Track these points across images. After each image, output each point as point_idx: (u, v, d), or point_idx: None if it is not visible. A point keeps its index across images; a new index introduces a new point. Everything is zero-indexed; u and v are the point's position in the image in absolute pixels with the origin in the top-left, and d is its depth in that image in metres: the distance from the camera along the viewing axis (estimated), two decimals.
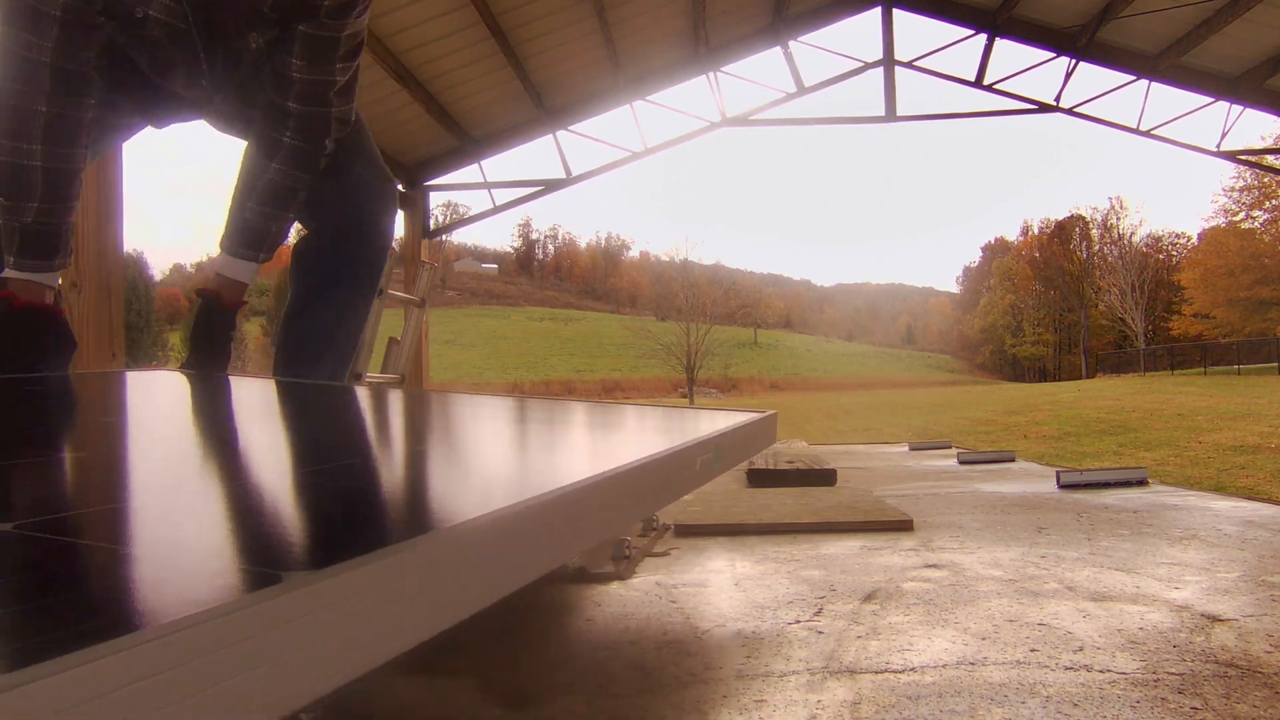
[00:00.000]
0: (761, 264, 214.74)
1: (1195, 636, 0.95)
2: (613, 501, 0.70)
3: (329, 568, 0.39)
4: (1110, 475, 2.51)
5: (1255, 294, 46.82)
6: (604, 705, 0.78)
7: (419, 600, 0.45)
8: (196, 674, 0.32)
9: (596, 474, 0.68)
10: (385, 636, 0.42)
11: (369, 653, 0.41)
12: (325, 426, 1.15)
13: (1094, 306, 67.75)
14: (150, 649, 0.31)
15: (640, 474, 0.76)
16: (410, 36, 7.26)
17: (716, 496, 2.35)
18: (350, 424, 1.21)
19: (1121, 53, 9.32)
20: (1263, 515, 1.85)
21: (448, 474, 0.83)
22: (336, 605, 0.39)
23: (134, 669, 0.30)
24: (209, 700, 0.32)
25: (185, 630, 0.32)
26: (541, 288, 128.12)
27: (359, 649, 0.41)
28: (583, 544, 0.68)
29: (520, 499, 0.57)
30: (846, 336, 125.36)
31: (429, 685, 0.85)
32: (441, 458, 0.92)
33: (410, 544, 0.45)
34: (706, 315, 52.93)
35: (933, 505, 2.16)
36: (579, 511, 0.63)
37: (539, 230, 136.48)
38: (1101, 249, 70.09)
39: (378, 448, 1.00)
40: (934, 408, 27.19)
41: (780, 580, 1.29)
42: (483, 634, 1.02)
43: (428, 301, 5.37)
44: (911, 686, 0.80)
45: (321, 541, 0.52)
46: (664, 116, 9.98)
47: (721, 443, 1.04)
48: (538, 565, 0.59)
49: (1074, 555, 1.43)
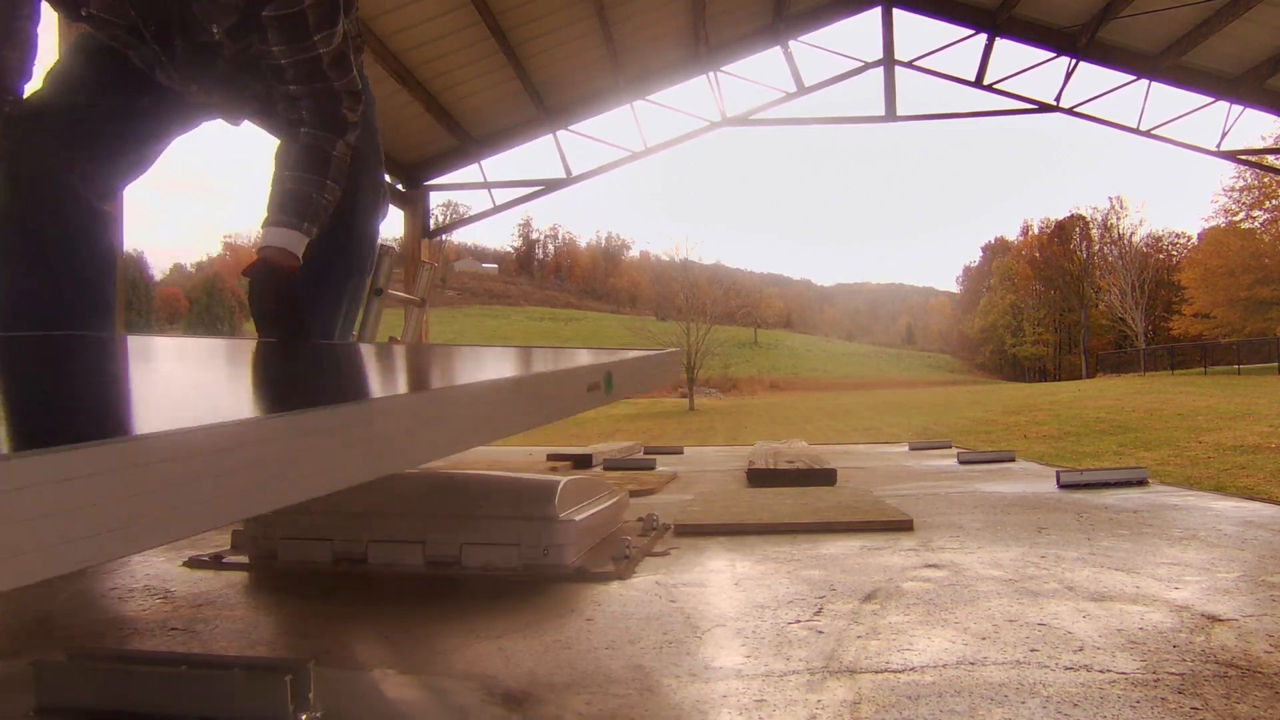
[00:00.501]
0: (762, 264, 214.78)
1: (1195, 636, 0.95)
2: (488, 412, 0.77)
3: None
4: (1110, 475, 2.51)
5: (1255, 294, 46.81)
6: (604, 705, 0.78)
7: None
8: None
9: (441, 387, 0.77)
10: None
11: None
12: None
13: (1094, 306, 67.75)
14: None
15: (517, 388, 0.86)
16: (410, 36, 7.27)
17: (716, 496, 2.35)
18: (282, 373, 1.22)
19: (1121, 52, 9.32)
20: (1263, 515, 1.85)
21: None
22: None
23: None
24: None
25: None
26: (541, 287, 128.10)
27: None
28: (445, 448, 0.73)
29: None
30: (847, 336, 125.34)
31: (428, 685, 0.85)
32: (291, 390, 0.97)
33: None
34: (706, 315, 52.89)
35: (933, 505, 2.16)
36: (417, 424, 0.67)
37: (539, 230, 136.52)
38: (1101, 249, 70.08)
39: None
40: (934, 407, 27.19)
41: (780, 580, 1.29)
42: (483, 634, 1.02)
43: (428, 301, 5.37)
44: (911, 686, 0.80)
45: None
46: (664, 116, 10.00)
47: (615, 369, 1.10)
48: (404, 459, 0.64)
49: (1074, 555, 1.43)
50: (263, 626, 1.20)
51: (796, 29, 9.65)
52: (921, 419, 22.32)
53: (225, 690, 0.70)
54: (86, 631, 1.14)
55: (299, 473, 0.51)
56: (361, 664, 0.92)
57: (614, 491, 1.66)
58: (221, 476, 0.46)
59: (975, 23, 9.49)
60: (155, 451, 0.42)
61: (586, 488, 1.50)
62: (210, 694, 0.70)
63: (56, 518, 0.36)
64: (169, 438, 0.43)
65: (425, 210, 9.72)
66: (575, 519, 1.32)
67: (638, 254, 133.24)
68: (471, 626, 1.05)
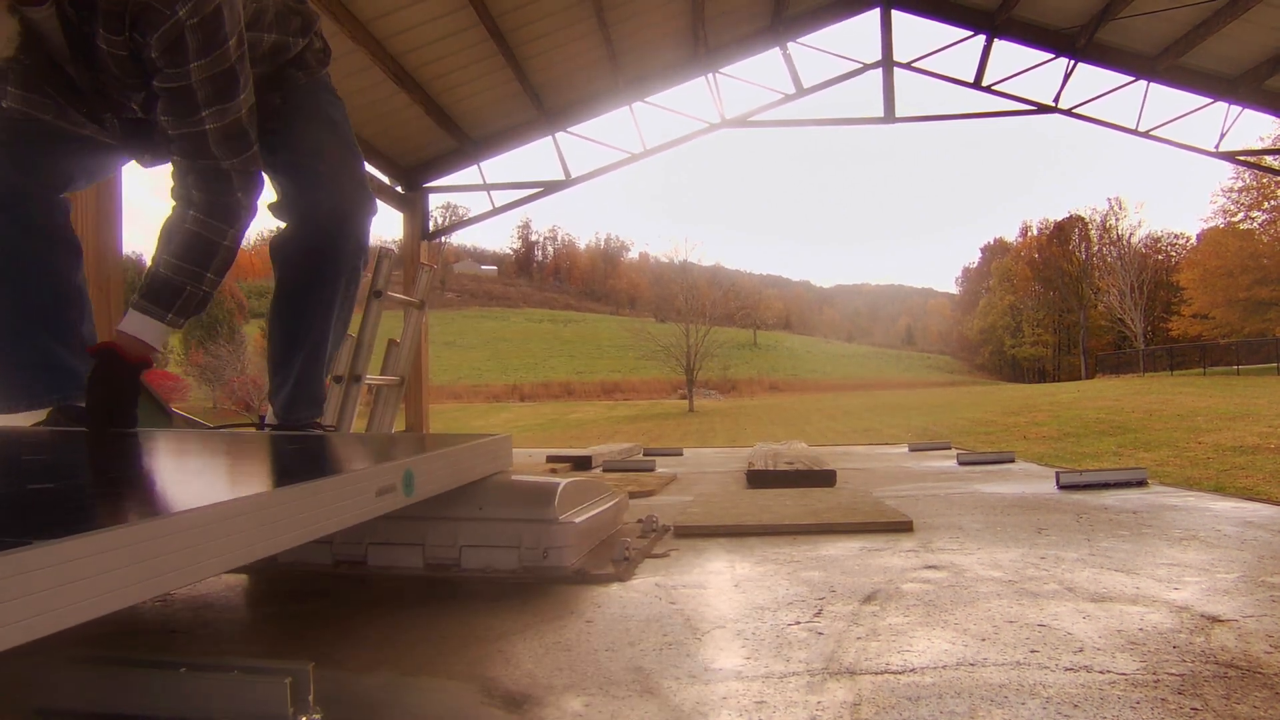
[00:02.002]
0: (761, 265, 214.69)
1: (1195, 637, 0.95)
2: (235, 536, 0.73)
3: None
4: (1110, 476, 2.52)
5: (1254, 294, 46.82)
6: (604, 706, 0.78)
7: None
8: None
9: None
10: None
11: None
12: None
13: (1093, 307, 67.76)
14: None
15: (277, 504, 0.78)
16: (409, 38, 7.27)
17: (716, 498, 2.35)
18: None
19: (1120, 53, 9.32)
20: (1262, 516, 1.85)
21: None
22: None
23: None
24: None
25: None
26: (541, 289, 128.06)
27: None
28: (200, 571, 0.70)
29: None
30: (846, 337, 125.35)
31: (428, 687, 0.85)
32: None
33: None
34: (706, 316, 52.84)
35: (932, 506, 2.16)
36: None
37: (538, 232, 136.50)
38: (1100, 250, 70.11)
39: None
40: (933, 408, 27.19)
41: (780, 581, 1.29)
42: (482, 636, 1.02)
43: (427, 303, 5.37)
44: (911, 687, 0.80)
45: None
46: (663, 118, 9.99)
47: (422, 466, 1.02)
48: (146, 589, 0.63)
49: (1074, 556, 1.43)
50: (262, 629, 1.20)
51: (795, 30, 9.65)
52: (921, 420, 22.32)
53: (225, 692, 0.70)
54: (87, 634, 1.14)
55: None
56: (361, 666, 0.92)
57: (614, 493, 1.66)
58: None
59: (974, 24, 9.49)
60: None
61: (586, 490, 1.50)
62: (210, 696, 0.70)
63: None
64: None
65: (424, 212, 9.71)
66: (575, 521, 1.32)
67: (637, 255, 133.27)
68: (471, 628, 1.05)
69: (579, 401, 62.76)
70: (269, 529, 0.77)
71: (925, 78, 9.67)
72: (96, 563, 0.59)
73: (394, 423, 5.37)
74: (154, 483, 1.09)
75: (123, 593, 0.62)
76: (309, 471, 1.02)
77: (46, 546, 0.55)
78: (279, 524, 0.79)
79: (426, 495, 1.03)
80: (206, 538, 0.69)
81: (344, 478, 0.92)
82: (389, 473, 0.97)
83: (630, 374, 77.25)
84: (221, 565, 0.72)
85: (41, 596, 0.54)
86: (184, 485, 1.06)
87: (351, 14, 6.53)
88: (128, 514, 0.76)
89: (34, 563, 0.53)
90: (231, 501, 0.75)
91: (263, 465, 1.19)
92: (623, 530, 1.66)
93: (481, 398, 70.36)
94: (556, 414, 45.60)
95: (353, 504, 0.90)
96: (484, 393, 73.02)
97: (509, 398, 71.17)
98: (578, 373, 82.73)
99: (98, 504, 0.86)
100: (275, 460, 1.23)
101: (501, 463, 1.29)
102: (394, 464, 0.99)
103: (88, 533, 0.59)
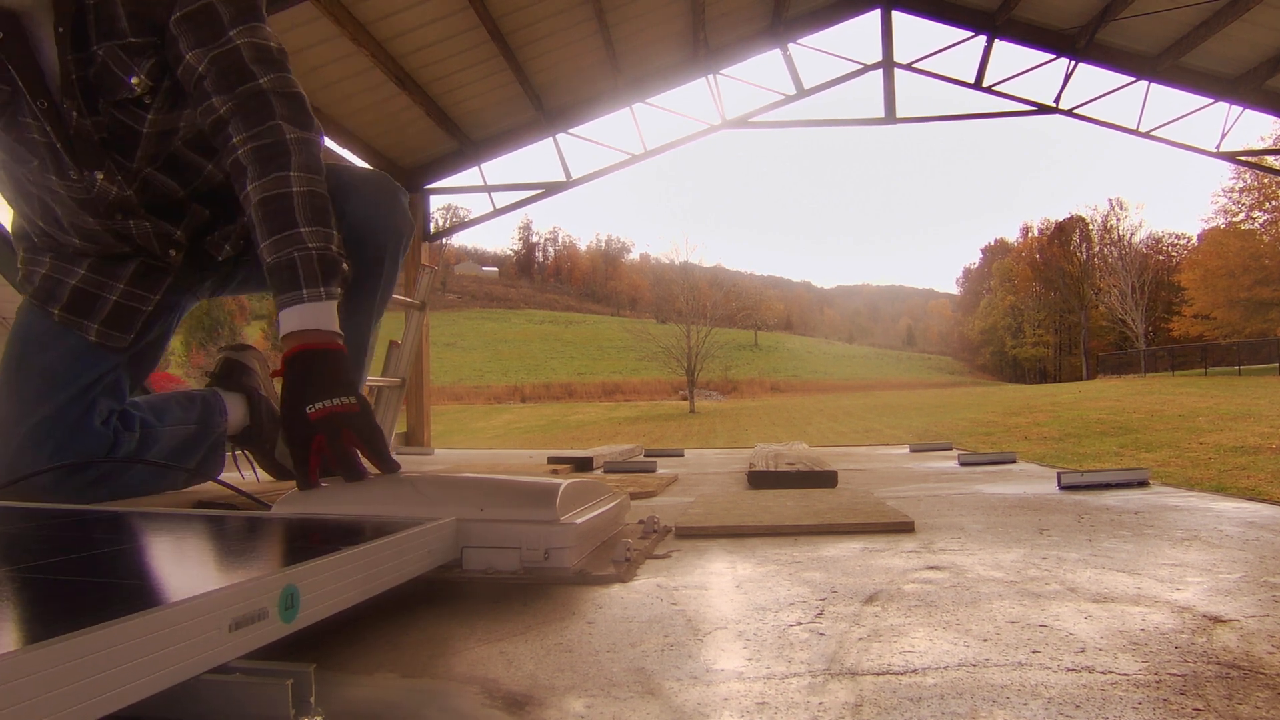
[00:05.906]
0: (762, 266, 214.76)
1: (1197, 637, 0.94)
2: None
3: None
4: (1111, 476, 2.51)
5: (1256, 295, 46.80)
6: (605, 707, 0.78)
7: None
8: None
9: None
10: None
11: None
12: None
13: (1094, 308, 67.77)
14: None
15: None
16: (410, 40, 7.28)
17: (717, 499, 2.34)
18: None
19: (1121, 54, 9.32)
20: (1264, 516, 1.85)
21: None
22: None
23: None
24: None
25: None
26: (542, 290, 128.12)
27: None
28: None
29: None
30: (847, 338, 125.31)
31: (429, 689, 0.85)
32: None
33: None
34: (707, 317, 52.89)
35: (934, 507, 2.16)
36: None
37: (539, 233, 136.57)
38: (1101, 250, 70.10)
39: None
40: (934, 409, 27.20)
41: (781, 582, 1.29)
42: (483, 637, 1.02)
43: (428, 304, 5.37)
44: (913, 688, 0.80)
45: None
46: (664, 119, 10.00)
47: (302, 581, 0.73)
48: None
49: (1075, 556, 1.43)
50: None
51: (796, 31, 9.66)
52: (922, 421, 22.31)
53: (225, 695, 0.69)
54: None
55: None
56: (363, 668, 0.92)
57: (615, 494, 1.66)
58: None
59: (974, 25, 9.50)
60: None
61: (587, 490, 1.50)
62: (210, 698, 0.70)
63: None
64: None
65: (425, 214, 9.72)
66: (576, 522, 1.32)
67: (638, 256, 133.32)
68: (472, 630, 1.05)
69: (580, 402, 62.74)
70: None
71: (926, 78, 9.67)
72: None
73: (395, 424, 5.36)
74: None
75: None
76: (118, 601, 0.65)
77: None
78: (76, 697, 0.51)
79: (323, 615, 0.78)
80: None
81: (186, 606, 0.63)
82: (253, 594, 0.69)
83: (631, 375, 77.26)
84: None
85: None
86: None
87: (353, 16, 6.54)
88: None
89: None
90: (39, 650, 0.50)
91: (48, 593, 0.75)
92: (624, 531, 1.66)
93: (483, 399, 70.36)
94: (558, 415, 45.60)
95: (180, 650, 0.61)
96: (485, 394, 73.03)
97: (510, 399, 71.16)
98: (579, 374, 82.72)
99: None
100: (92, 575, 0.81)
101: (440, 557, 1.12)
102: (265, 578, 0.70)
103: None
